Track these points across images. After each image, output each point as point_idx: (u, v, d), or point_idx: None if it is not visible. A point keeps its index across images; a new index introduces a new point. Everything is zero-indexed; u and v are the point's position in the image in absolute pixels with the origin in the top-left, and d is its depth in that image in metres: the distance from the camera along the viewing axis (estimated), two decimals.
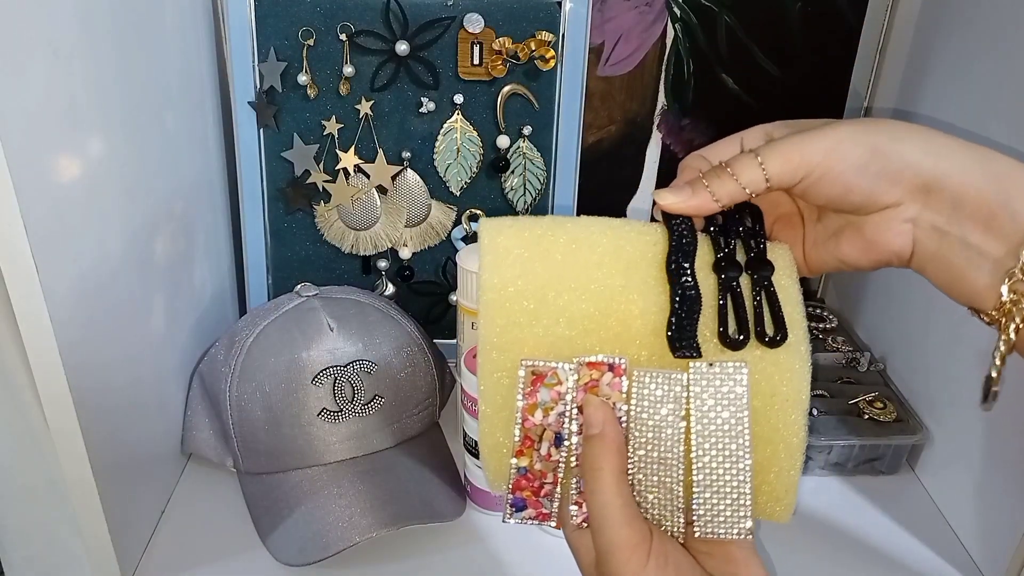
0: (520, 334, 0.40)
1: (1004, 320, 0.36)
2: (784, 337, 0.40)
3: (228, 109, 0.75)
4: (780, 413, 0.40)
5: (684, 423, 0.39)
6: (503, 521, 0.42)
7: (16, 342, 0.48)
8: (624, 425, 0.39)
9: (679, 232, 0.41)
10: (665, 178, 0.84)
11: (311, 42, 0.72)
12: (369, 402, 0.64)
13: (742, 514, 0.39)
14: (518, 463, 0.40)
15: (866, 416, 0.71)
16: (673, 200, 0.41)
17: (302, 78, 0.72)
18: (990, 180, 0.36)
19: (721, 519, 0.39)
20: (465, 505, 0.64)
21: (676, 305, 0.40)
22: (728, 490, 0.39)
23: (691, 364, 0.39)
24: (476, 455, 0.63)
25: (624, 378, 0.39)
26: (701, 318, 0.40)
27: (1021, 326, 0.36)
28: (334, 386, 0.63)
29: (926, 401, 0.72)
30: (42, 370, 0.48)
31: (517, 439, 0.40)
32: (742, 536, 0.39)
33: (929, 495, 0.70)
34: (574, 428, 0.40)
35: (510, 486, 0.41)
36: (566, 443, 0.40)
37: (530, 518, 0.42)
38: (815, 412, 0.71)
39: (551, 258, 0.41)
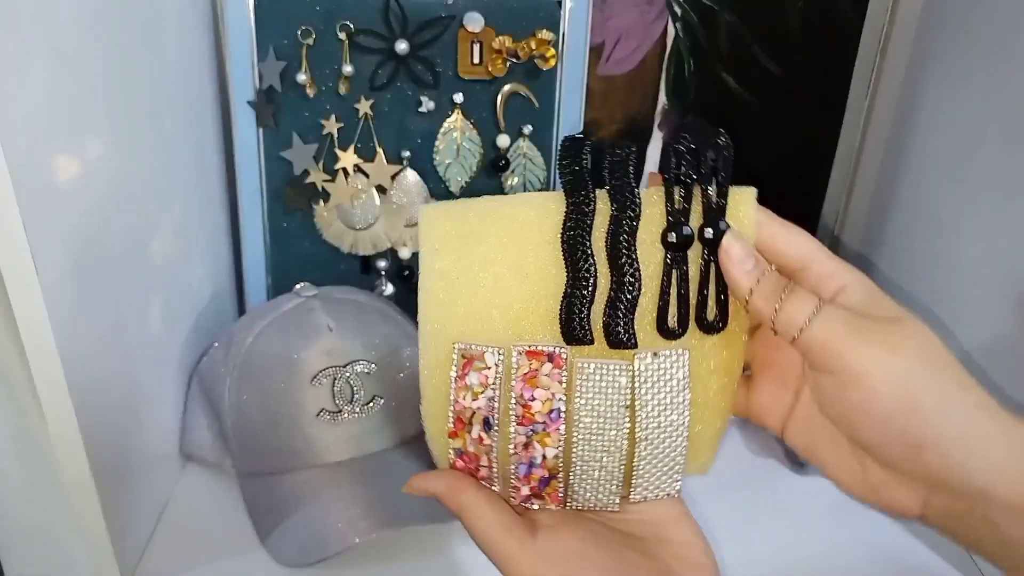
0: (454, 316, 0.41)
1: None
2: (724, 324, 0.40)
3: (227, 108, 0.75)
4: (712, 379, 0.41)
5: (628, 411, 0.39)
6: None
7: (15, 342, 0.48)
8: (564, 415, 0.39)
9: (621, 207, 0.42)
10: None
11: (310, 41, 0.72)
12: (368, 403, 0.64)
13: (675, 477, 0.41)
14: (452, 444, 0.41)
15: None
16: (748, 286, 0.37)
17: (301, 77, 0.72)
18: None
19: (655, 483, 0.41)
20: None
21: (614, 292, 0.39)
22: (666, 459, 0.40)
23: (635, 354, 0.39)
24: None
25: (564, 369, 0.39)
26: (642, 299, 0.40)
27: None
28: (333, 386, 0.63)
29: None
30: (41, 370, 0.48)
31: (451, 420, 0.40)
32: (672, 495, 0.41)
33: None
34: (507, 415, 0.40)
35: (450, 466, 0.42)
36: (495, 430, 0.40)
37: None
38: None
39: (486, 241, 0.41)
